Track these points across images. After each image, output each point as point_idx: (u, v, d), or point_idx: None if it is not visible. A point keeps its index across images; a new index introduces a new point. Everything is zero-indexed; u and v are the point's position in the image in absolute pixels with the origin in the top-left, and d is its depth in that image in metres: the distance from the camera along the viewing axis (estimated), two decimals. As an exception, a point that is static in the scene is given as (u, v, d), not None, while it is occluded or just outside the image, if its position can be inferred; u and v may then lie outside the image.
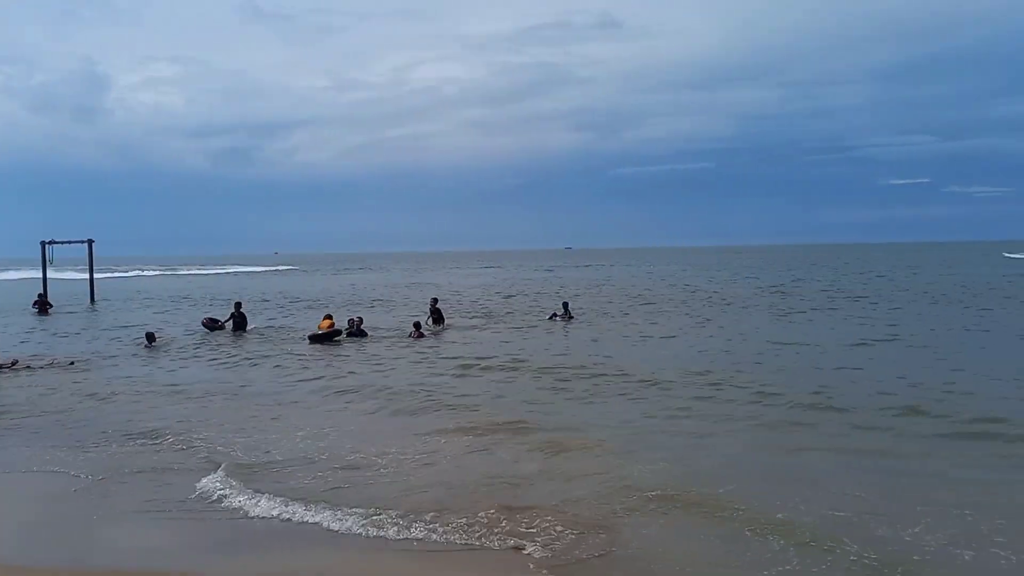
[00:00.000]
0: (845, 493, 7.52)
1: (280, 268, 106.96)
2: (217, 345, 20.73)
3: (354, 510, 7.40)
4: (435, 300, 25.35)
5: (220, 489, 8.20)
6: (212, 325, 23.88)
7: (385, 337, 21.51)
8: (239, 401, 13.22)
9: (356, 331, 21.41)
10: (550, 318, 25.31)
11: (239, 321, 23.70)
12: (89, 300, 38.39)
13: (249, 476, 8.64)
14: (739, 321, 24.55)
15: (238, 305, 24.66)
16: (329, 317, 22.02)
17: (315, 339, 20.59)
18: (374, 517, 7.19)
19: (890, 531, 6.57)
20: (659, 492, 7.62)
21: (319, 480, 8.48)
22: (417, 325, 21.72)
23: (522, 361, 16.46)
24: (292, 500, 7.77)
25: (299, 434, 10.50)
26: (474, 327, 23.88)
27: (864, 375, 14.07)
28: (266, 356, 18.41)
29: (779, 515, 6.95)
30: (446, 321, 24.35)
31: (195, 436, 10.55)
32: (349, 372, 15.85)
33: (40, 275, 38.85)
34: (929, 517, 6.81)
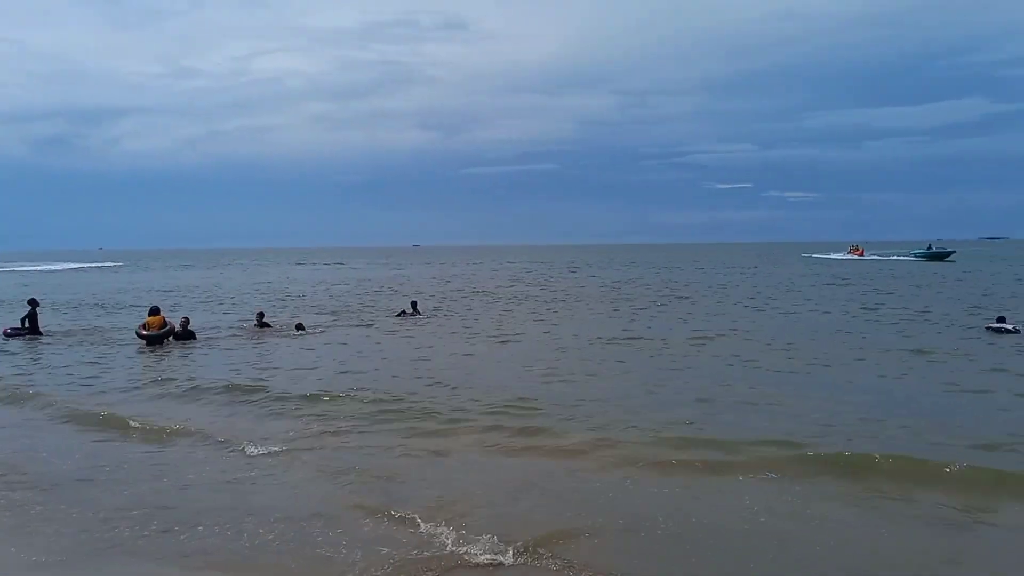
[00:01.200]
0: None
1: (105, 264, 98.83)
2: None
3: None
4: (261, 315, 22.44)
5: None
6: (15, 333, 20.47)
7: (212, 338, 19.63)
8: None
9: (183, 333, 19.31)
10: (399, 315, 24.65)
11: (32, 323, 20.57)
12: None
13: None
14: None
15: (33, 303, 21.39)
16: (156, 312, 19.47)
17: (147, 340, 18.27)
18: None
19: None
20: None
21: None
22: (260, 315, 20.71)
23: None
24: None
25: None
26: (318, 326, 22.27)
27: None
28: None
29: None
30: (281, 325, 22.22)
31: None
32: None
33: None
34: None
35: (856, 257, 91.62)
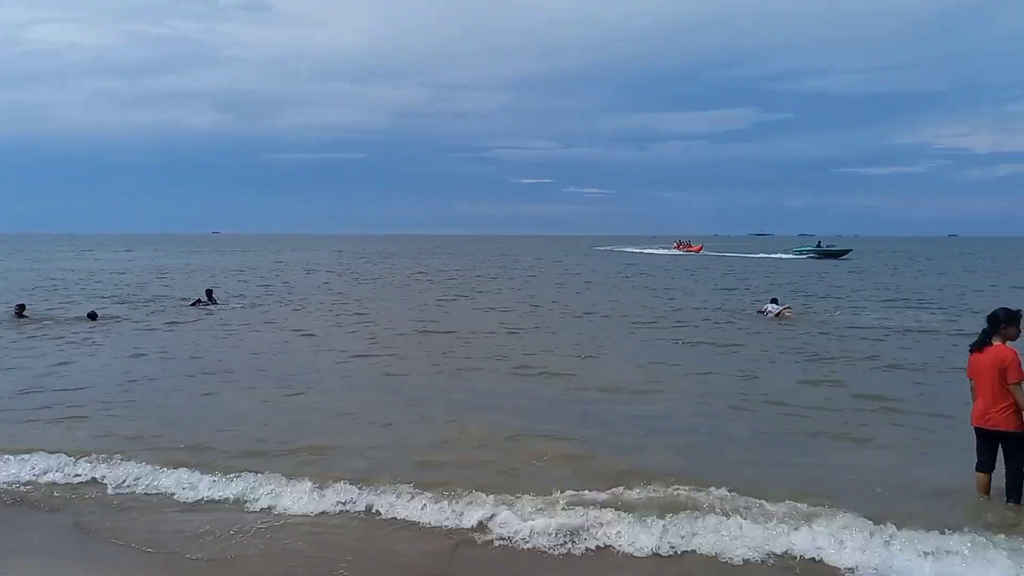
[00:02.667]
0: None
1: None
2: None
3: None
4: (21, 307, 20.97)
5: None
6: None
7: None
8: None
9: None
10: (193, 304, 24.24)
11: None
12: None
13: None
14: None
15: None
16: None
17: None
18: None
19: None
20: None
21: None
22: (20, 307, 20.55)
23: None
24: None
25: None
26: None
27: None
28: None
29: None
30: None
31: None
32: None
33: None
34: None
35: (683, 252, 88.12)
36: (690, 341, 17.06)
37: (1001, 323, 6.56)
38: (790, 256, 74.37)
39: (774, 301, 21.96)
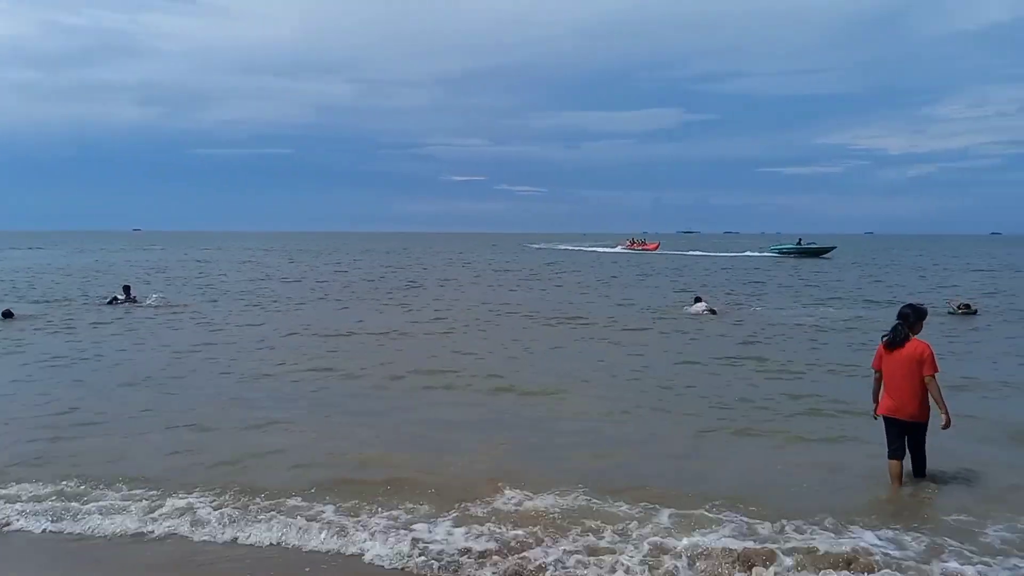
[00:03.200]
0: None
1: None
2: None
3: None
4: None
5: None
6: None
7: None
8: None
9: None
10: (110, 303, 23.50)
11: None
12: None
13: None
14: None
15: None
16: None
17: None
18: None
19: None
20: None
21: None
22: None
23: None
24: None
25: None
26: None
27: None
28: None
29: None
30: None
31: None
32: None
33: None
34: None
35: (639, 251, 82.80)
36: (601, 340, 17.11)
37: (912, 320, 6.93)
38: (765, 255, 69.16)
39: (698, 300, 22.27)
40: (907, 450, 7.05)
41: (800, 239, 72.68)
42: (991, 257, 70.34)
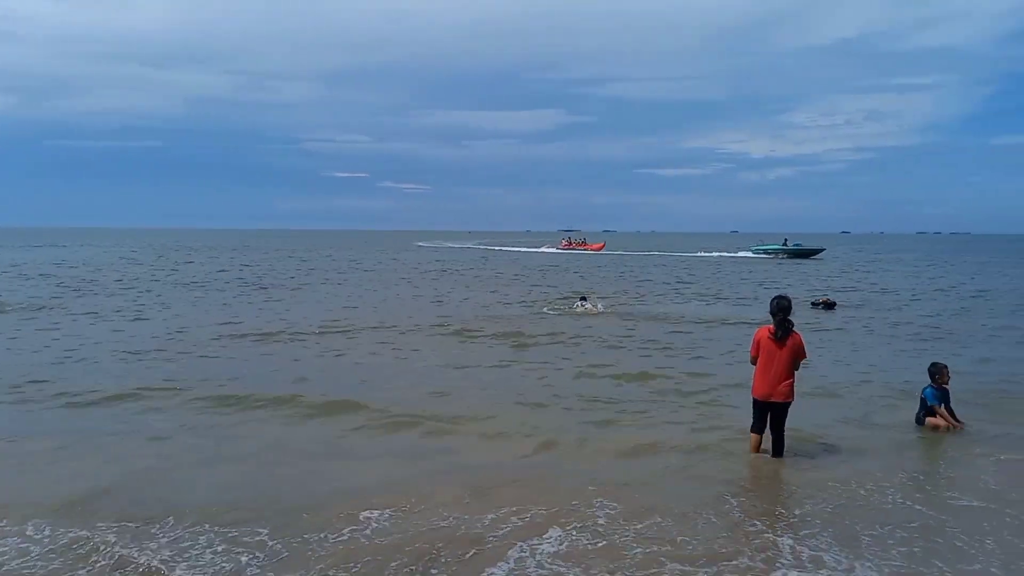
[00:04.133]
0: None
1: None
2: None
3: None
4: None
5: None
6: None
7: None
8: None
9: None
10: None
11: None
12: None
13: None
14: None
15: None
16: None
17: None
18: None
19: None
20: None
21: None
22: None
23: None
24: None
25: None
26: None
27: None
28: None
29: None
30: None
31: None
32: None
33: None
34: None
35: (577, 252, 74.86)
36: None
37: (791, 312, 7.50)
38: (744, 255, 65.23)
39: (583, 299, 22.15)
40: (768, 429, 7.66)
41: (786, 239, 67.54)
42: (858, 253, 74.98)
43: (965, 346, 15.31)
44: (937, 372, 8.83)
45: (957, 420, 8.78)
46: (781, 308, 7.45)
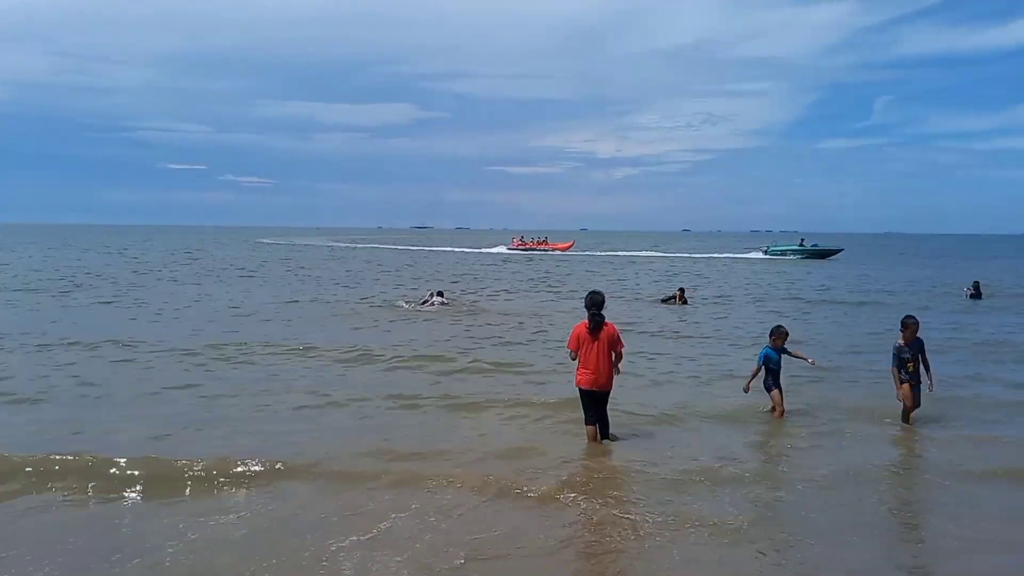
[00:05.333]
0: None
1: None
2: None
3: None
4: None
5: None
6: None
7: None
8: None
9: None
10: None
11: None
12: None
13: None
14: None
15: None
16: None
17: None
18: None
19: None
20: None
21: None
22: None
23: None
24: None
25: None
26: None
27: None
28: None
29: None
30: None
31: None
32: None
33: None
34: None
35: (536, 251, 68.79)
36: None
37: (603, 306, 7.98)
38: (755, 256, 60.06)
39: (439, 294, 22.33)
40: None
41: (802, 239, 62.33)
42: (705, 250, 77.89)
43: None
44: (773, 332, 9.64)
45: (806, 358, 9.74)
46: (594, 303, 7.93)
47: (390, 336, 16.44)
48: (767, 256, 59.05)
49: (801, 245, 59.41)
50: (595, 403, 8.16)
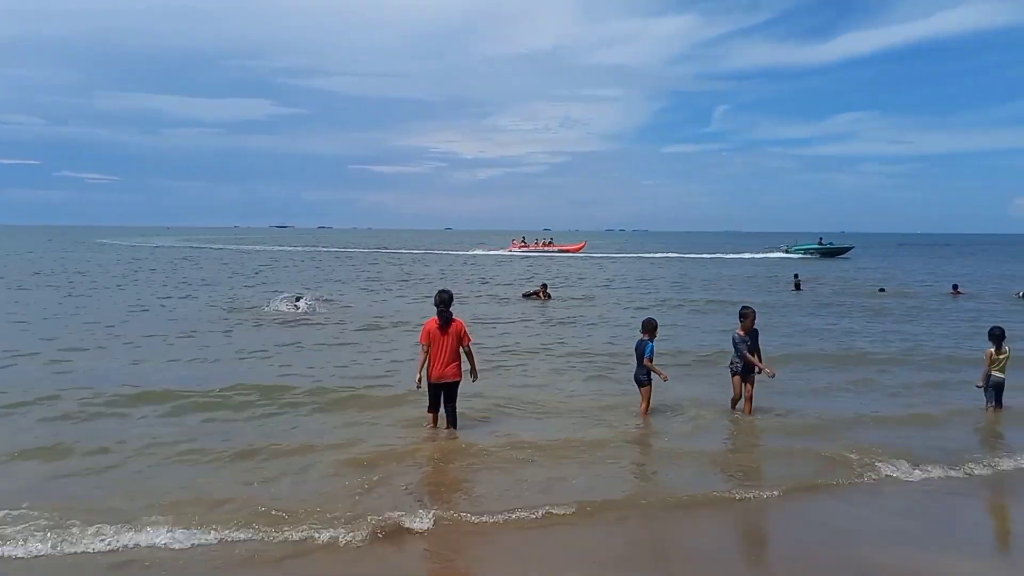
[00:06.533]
0: None
1: None
2: None
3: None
4: None
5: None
6: None
7: None
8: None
9: None
10: None
11: None
12: None
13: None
14: None
15: None
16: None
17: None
18: None
19: None
20: None
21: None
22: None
23: None
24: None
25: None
26: None
27: None
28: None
29: None
30: None
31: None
32: None
33: None
34: None
35: (536, 252, 66.68)
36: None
37: (451, 303, 8.68)
38: (778, 255, 62.21)
39: (299, 298, 21.94)
40: (441, 407, 8.91)
41: (820, 238, 67.60)
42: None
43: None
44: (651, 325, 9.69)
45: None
46: (443, 301, 8.56)
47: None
48: (788, 255, 61.97)
49: (820, 244, 64.85)
50: (444, 394, 8.80)
